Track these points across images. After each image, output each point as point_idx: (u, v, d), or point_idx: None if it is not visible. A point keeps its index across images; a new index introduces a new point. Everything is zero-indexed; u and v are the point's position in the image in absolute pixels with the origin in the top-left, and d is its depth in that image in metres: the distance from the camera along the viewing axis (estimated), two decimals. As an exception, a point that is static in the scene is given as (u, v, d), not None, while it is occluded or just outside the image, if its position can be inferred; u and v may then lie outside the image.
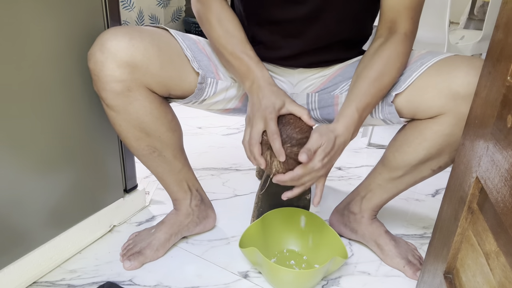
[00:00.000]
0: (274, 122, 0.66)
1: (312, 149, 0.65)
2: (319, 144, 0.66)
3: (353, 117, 0.69)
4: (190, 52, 0.77)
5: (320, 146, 0.66)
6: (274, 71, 0.86)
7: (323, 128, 0.68)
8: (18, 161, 0.71)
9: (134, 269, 0.85)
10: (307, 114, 0.69)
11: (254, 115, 0.69)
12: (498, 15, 0.48)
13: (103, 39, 0.69)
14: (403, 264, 0.88)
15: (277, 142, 0.65)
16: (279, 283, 0.80)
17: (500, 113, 0.45)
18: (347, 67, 0.83)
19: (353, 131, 0.70)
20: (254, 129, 0.68)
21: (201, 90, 0.78)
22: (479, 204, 0.51)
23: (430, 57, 0.74)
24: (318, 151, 0.66)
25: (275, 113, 0.67)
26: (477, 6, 2.15)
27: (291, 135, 0.67)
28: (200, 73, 0.76)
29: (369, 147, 1.56)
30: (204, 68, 0.78)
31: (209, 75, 0.78)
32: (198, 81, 0.76)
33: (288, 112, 0.69)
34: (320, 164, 0.66)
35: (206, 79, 0.77)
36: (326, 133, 0.67)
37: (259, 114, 0.68)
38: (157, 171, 0.85)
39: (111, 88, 0.70)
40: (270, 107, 0.67)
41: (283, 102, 0.69)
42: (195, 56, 0.77)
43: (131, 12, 2.41)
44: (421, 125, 0.74)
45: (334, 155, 0.68)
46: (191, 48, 0.78)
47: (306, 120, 0.69)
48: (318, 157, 0.66)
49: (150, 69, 0.71)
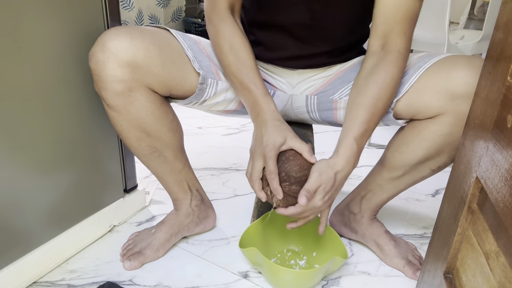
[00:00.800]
0: (272, 161, 0.67)
1: (311, 190, 0.66)
2: (318, 184, 0.66)
3: (352, 148, 0.69)
4: (191, 52, 0.77)
5: (320, 185, 0.66)
6: (273, 72, 0.86)
7: (322, 166, 0.68)
8: (18, 161, 0.71)
9: (134, 269, 0.85)
10: (307, 150, 0.69)
11: (255, 151, 0.70)
12: (498, 15, 0.48)
13: (104, 39, 0.68)
14: (403, 264, 0.88)
15: (275, 182, 0.67)
16: (279, 283, 0.80)
17: (500, 113, 0.45)
18: (346, 70, 0.83)
19: (354, 162, 0.70)
20: (254, 166, 0.69)
21: (201, 90, 0.78)
22: (479, 204, 0.51)
23: (427, 59, 0.74)
24: (318, 191, 0.67)
25: (274, 151, 0.67)
26: (477, 6, 2.15)
27: (290, 173, 0.68)
28: (201, 73, 0.76)
29: (369, 147, 1.56)
30: (204, 68, 0.78)
31: (210, 75, 0.78)
32: (199, 82, 0.76)
33: (290, 148, 0.69)
34: (321, 203, 0.68)
35: (207, 80, 0.77)
36: (326, 171, 0.67)
37: (259, 150, 0.69)
38: (158, 171, 0.85)
39: (112, 88, 0.70)
40: (270, 145, 0.68)
41: (284, 138, 0.69)
42: (196, 57, 0.77)
43: (130, 12, 2.40)
44: (420, 125, 0.74)
45: (335, 191, 0.69)
46: (192, 48, 0.78)
47: (306, 157, 0.69)
48: (319, 196, 0.67)
49: (152, 69, 0.71)
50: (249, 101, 0.74)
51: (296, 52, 0.81)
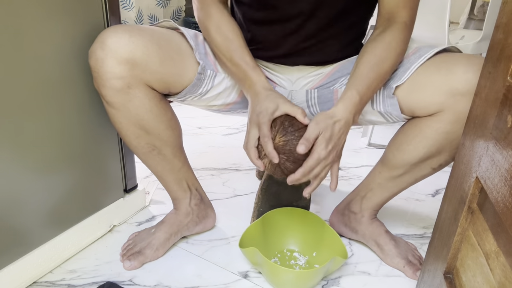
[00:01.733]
0: (265, 126, 0.67)
1: (309, 138, 0.65)
2: (316, 133, 0.66)
3: (353, 99, 0.69)
4: (193, 42, 0.78)
5: (318, 134, 0.66)
6: (273, 69, 0.86)
7: (320, 116, 0.68)
8: (18, 161, 0.71)
9: (134, 269, 0.85)
10: (301, 113, 0.69)
11: (250, 120, 0.71)
12: (498, 15, 0.48)
13: (103, 36, 0.69)
14: (403, 264, 0.88)
15: (269, 145, 0.67)
16: (279, 283, 0.80)
17: (500, 113, 0.45)
18: (345, 64, 0.83)
19: (354, 112, 0.70)
20: (249, 135, 0.70)
21: (199, 80, 0.78)
22: (479, 204, 0.51)
23: (428, 49, 0.75)
24: (318, 139, 0.66)
25: (268, 117, 0.68)
26: (477, 6, 2.15)
27: (285, 134, 0.68)
28: (201, 63, 0.77)
29: (369, 147, 1.56)
30: (204, 60, 0.79)
31: (209, 67, 0.79)
32: (198, 71, 0.77)
33: (283, 113, 0.69)
34: (325, 152, 0.67)
35: (206, 71, 0.78)
36: (324, 120, 0.67)
37: (253, 119, 0.70)
38: (157, 169, 0.85)
39: (111, 85, 0.70)
40: (263, 112, 0.69)
41: (276, 105, 0.69)
42: (197, 48, 0.79)
43: (130, 12, 2.40)
44: (421, 123, 0.74)
45: (337, 140, 0.68)
46: (194, 40, 0.79)
47: (300, 119, 0.69)
48: (320, 145, 0.66)
49: (150, 66, 0.71)
50: (239, 76, 0.76)
51: (294, 49, 0.81)
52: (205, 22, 0.78)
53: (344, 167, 1.39)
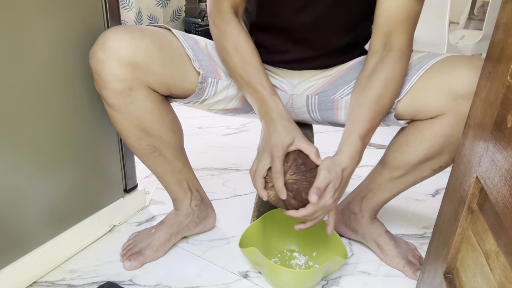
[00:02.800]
0: (279, 161, 0.67)
1: (321, 187, 0.65)
2: (328, 181, 0.66)
3: (356, 145, 0.69)
4: (191, 52, 0.77)
5: (329, 183, 0.66)
6: (274, 72, 0.86)
7: (329, 164, 0.68)
8: (18, 161, 0.71)
9: (134, 269, 0.85)
10: (315, 153, 0.68)
11: (263, 149, 0.70)
12: (498, 15, 0.48)
13: (104, 38, 0.69)
14: (403, 264, 0.88)
15: (280, 182, 0.66)
16: (279, 283, 0.80)
17: (500, 113, 0.45)
18: (347, 70, 0.83)
19: (358, 159, 0.70)
20: (260, 163, 0.69)
21: (201, 90, 0.78)
22: (479, 204, 0.51)
23: (428, 60, 0.74)
24: (328, 188, 0.66)
25: (282, 151, 0.67)
26: (477, 6, 2.15)
27: (296, 174, 0.67)
28: (201, 72, 0.76)
29: (369, 147, 1.56)
30: (205, 67, 0.78)
31: (210, 74, 0.78)
32: (199, 81, 0.76)
33: (297, 149, 0.69)
34: (331, 201, 0.67)
35: (207, 79, 0.78)
36: (333, 168, 0.67)
37: (267, 149, 0.69)
38: (158, 170, 0.85)
39: (112, 87, 0.70)
40: (278, 145, 0.67)
41: (292, 138, 0.68)
42: (197, 56, 0.77)
43: (129, 12, 2.40)
44: (421, 125, 0.74)
45: (343, 188, 0.69)
46: (192, 48, 0.78)
47: (313, 159, 0.68)
48: (329, 194, 0.67)
49: (152, 68, 0.71)
50: (256, 101, 0.74)
51: (296, 55, 0.81)
52: (221, 40, 0.75)
53: (344, 167, 1.38)
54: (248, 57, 0.74)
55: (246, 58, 0.74)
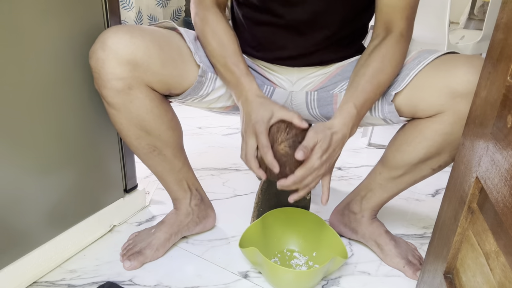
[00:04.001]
0: (264, 135, 0.67)
1: (308, 146, 0.65)
2: (315, 141, 0.66)
3: (350, 112, 0.69)
4: (193, 45, 0.78)
5: (316, 143, 0.66)
6: (273, 69, 0.86)
7: (319, 126, 0.68)
8: (18, 161, 0.71)
9: (134, 269, 0.85)
10: (297, 117, 0.68)
11: (246, 130, 0.70)
12: (498, 15, 0.49)
13: (104, 37, 0.69)
14: (403, 264, 0.88)
15: (269, 155, 0.66)
16: (279, 283, 0.80)
17: (500, 113, 0.45)
18: (346, 66, 0.83)
19: (352, 126, 0.70)
20: (248, 145, 0.69)
21: (200, 83, 0.78)
22: (479, 204, 0.51)
23: (427, 55, 0.74)
24: (315, 149, 0.66)
25: (264, 126, 0.68)
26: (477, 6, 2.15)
27: (283, 142, 0.67)
28: (201, 66, 0.76)
29: (369, 147, 1.56)
30: (205, 62, 0.78)
31: (210, 69, 0.79)
32: (198, 74, 0.77)
33: (279, 119, 0.69)
34: (319, 162, 0.66)
35: (207, 73, 0.78)
36: (322, 130, 0.67)
37: (249, 129, 0.69)
38: (157, 170, 0.85)
39: (112, 85, 0.70)
40: (259, 121, 0.68)
41: (271, 112, 0.69)
42: (197, 51, 0.78)
43: (130, 12, 2.40)
44: (421, 124, 0.74)
45: (333, 152, 0.68)
46: (193, 43, 0.79)
47: (297, 123, 0.68)
48: (316, 155, 0.66)
49: (151, 67, 0.71)
50: (232, 83, 0.75)
51: (295, 51, 0.81)
52: (201, 27, 0.78)
53: (344, 167, 1.39)
54: (225, 41, 0.75)
55: (223, 42, 0.75)
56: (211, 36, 0.76)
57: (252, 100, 0.72)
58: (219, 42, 0.75)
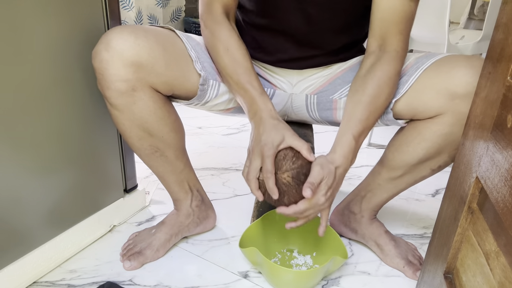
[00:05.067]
0: (270, 160, 0.66)
1: (315, 182, 0.65)
2: (321, 177, 0.66)
3: (350, 145, 0.69)
4: (194, 53, 0.77)
5: (322, 179, 0.66)
6: (273, 71, 0.86)
7: (322, 160, 0.68)
8: (18, 160, 0.71)
9: (134, 269, 0.85)
10: (306, 149, 0.68)
11: (254, 149, 0.70)
12: (498, 15, 0.49)
13: (108, 37, 0.68)
14: (403, 264, 0.88)
15: (271, 181, 0.66)
16: (279, 283, 0.80)
17: (500, 113, 0.45)
18: (347, 71, 0.83)
19: (352, 158, 0.70)
20: (252, 165, 0.69)
21: (203, 91, 0.78)
22: (479, 204, 0.51)
23: (425, 60, 0.74)
24: (321, 186, 0.66)
25: (273, 150, 0.67)
26: (477, 6, 2.15)
27: (288, 171, 0.67)
28: (202, 75, 0.76)
29: (369, 147, 1.56)
30: (207, 69, 0.78)
31: (212, 77, 0.78)
32: (200, 83, 0.76)
33: (288, 146, 0.68)
34: (324, 199, 0.67)
35: (208, 81, 0.78)
36: (327, 165, 0.67)
37: (257, 150, 0.69)
38: (159, 171, 0.85)
39: (115, 87, 0.70)
40: (269, 144, 0.67)
41: (282, 137, 0.68)
42: (199, 57, 0.77)
43: (130, 12, 2.40)
44: (420, 125, 0.74)
45: (336, 186, 0.69)
46: (195, 49, 0.78)
47: (305, 156, 0.68)
48: (322, 191, 0.66)
49: (155, 68, 0.71)
50: (246, 101, 0.74)
51: (295, 55, 0.81)
52: (213, 42, 0.75)
53: (344, 167, 1.38)
54: (238, 57, 0.74)
55: (236, 58, 0.74)
56: (223, 52, 0.74)
57: (266, 121, 0.70)
58: (231, 59, 0.74)
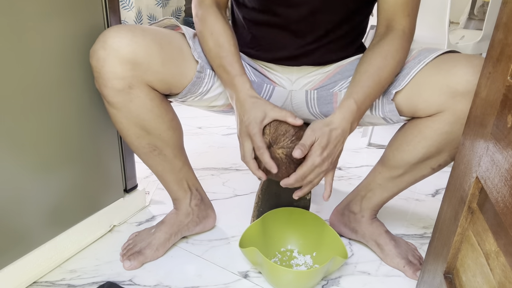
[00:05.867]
0: (258, 137, 0.67)
1: (305, 144, 0.65)
2: (312, 139, 0.66)
3: (350, 107, 0.69)
4: (192, 42, 0.78)
5: (314, 141, 0.66)
6: (273, 68, 0.86)
7: (317, 123, 0.68)
8: (18, 160, 0.71)
9: (134, 269, 0.85)
10: (290, 115, 0.69)
11: (241, 133, 0.71)
12: (498, 15, 0.49)
13: (105, 36, 0.69)
14: (403, 264, 0.88)
15: (265, 156, 0.67)
16: (279, 283, 0.80)
17: (500, 113, 0.45)
18: (346, 66, 0.83)
19: (352, 121, 0.70)
20: (244, 147, 0.70)
21: (199, 79, 0.78)
22: (479, 204, 0.51)
23: (427, 54, 0.74)
24: (314, 146, 0.66)
25: (258, 127, 0.68)
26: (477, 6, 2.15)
27: (279, 142, 0.67)
28: (200, 62, 0.77)
29: (369, 147, 1.56)
30: (203, 59, 0.79)
31: (209, 66, 0.79)
32: (197, 70, 0.77)
33: (272, 119, 0.69)
34: (319, 159, 0.67)
35: (205, 69, 0.78)
36: (320, 127, 0.67)
37: (244, 131, 0.70)
38: (157, 169, 0.85)
39: (112, 85, 0.70)
40: (252, 122, 0.68)
41: (264, 112, 0.69)
42: (195, 48, 0.78)
43: (129, 12, 2.40)
44: (420, 123, 0.74)
45: (333, 148, 0.68)
46: (192, 39, 0.79)
47: (291, 122, 0.69)
48: (316, 152, 0.66)
49: (152, 66, 0.71)
50: (226, 83, 0.75)
51: (295, 51, 0.81)
52: (199, 27, 0.78)
53: (344, 167, 1.39)
54: (222, 41, 0.75)
55: (220, 42, 0.75)
56: (208, 36, 0.76)
57: (244, 101, 0.72)
58: (215, 42, 0.75)
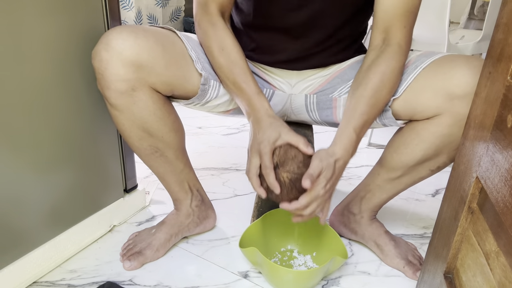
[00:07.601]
0: (267, 156, 0.67)
1: (314, 174, 0.65)
2: (320, 169, 0.66)
3: (350, 138, 0.69)
4: (194, 53, 0.77)
5: (321, 172, 0.66)
6: (272, 72, 0.86)
7: (322, 153, 0.68)
8: (19, 160, 0.71)
9: (134, 269, 0.85)
10: (303, 142, 0.68)
11: (252, 148, 0.70)
12: (498, 15, 0.49)
13: (108, 37, 0.68)
14: (403, 264, 0.88)
15: (271, 177, 0.66)
16: (279, 283, 0.80)
17: (500, 113, 0.45)
18: (345, 70, 0.83)
19: (352, 151, 0.70)
20: (251, 163, 0.69)
21: (204, 91, 0.78)
22: (479, 204, 0.51)
23: (424, 59, 0.74)
24: (320, 178, 0.66)
25: (269, 147, 0.67)
26: (477, 6, 2.15)
27: (286, 166, 0.67)
28: (203, 74, 0.76)
29: (369, 147, 1.56)
30: (207, 69, 0.78)
31: (213, 77, 0.78)
32: (201, 83, 0.76)
33: (285, 142, 0.69)
34: (323, 191, 0.67)
35: (209, 81, 0.78)
36: (326, 158, 0.67)
37: (255, 148, 0.69)
38: (159, 171, 0.85)
39: (115, 87, 0.70)
40: (265, 141, 0.68)
41: (278, 133, 0.68)
42: (199, 58, 0.77)
43: (129, 12, 2.40)
44: (418, 126, 0.74)
45: (335, 179, 0.69)
46: (195, 50, 0.78)
47: (302, 149, 0.68)
48: (321, 184, 0.66)
49: (155, 68, 0.71)
50: (242, 101, 0.74)
51: (294, 55, 0.81)
52: (208, 41, 0.75)
53: (344, 167, 1.38)
54: (234, 57, 0.74)
55: (232, 58, 0.74)
56: (218, 52, 0.74)
57: (262, 119, 0.71)
58: (227, 59, 0.74)
